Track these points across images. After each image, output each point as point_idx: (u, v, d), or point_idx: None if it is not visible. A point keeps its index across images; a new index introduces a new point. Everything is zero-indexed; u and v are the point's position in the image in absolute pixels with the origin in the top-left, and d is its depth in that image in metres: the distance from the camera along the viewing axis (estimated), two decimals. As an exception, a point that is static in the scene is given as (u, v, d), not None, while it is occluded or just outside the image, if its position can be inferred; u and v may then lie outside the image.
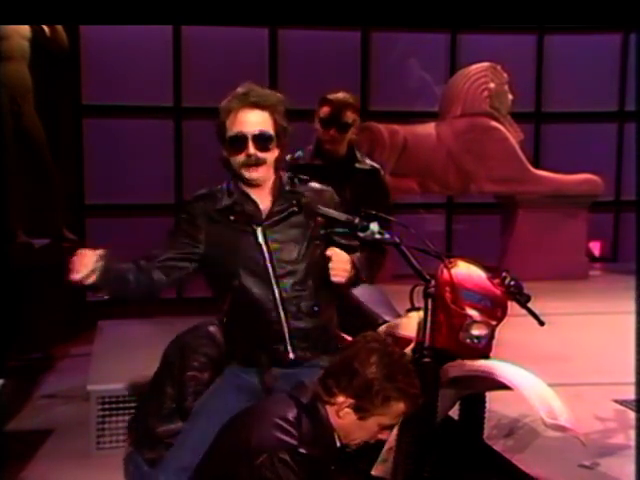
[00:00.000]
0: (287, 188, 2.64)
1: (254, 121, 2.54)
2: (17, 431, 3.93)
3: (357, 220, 2.64)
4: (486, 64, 8.14)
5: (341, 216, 2.67)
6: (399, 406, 2.19)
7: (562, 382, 3.52)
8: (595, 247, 9.47)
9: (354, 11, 5.97)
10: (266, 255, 2.55)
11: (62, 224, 6.37)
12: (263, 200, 2.61)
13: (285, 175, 2.69)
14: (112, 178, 8.07)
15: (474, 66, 8.21)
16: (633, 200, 8.55)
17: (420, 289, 2.63)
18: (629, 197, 9.16)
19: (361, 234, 2.62)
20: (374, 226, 2.63)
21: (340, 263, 2.55)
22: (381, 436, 2.26)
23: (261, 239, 2.55)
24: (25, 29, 5.85)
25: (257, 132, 2.53)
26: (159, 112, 8.21)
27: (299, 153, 3.73)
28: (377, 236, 2.64)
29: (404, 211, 7.86)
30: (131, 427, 3.27)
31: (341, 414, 2.18)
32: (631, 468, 2.74)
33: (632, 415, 3.90)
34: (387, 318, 2.99)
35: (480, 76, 8.15)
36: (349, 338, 2.72)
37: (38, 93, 6.03)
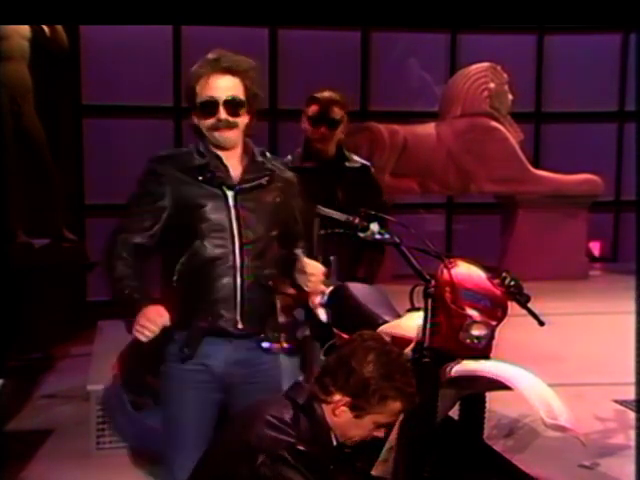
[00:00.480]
0: (259, 159, 2.58)
1: (225, 86, 2.50)
2: (17, 431, 3.92)
3: (357, 220, 2.64)
4: (486, 64, 8.15)
5: (341, 216, 2.67)
6: (396, 405, 2.19)
7: (562, 382, 3.52)
8: (595, 247, 9.47)
9: (354, 11, 5.97)
10: (234, 220, 2.48)
11: (62, 224, 6.37)
12: (234, 166, 2.54)
13: (253, 146, 2.61)
14: (112, 178, 8.06)
15: (474, 66, 8.22)
16: (633, 200, 8.55)
17: (420, 289, 2.63)
18: (629, 197, 9.16)
19: (361, 234, 2.63)
20: (374, 226, 2.63)
21: (318, 275, 2.53)
22: (377, 434, 2.26)
23: (231, 203, 2.49)
24: (25, 29, 5.85)
25: (228, 97, 2.49)
26: (159, 112, 8.22)
27: (289, 157, 3.73)
28: (377, 236, 2.64)
29: (404, 211, 7.86)
30: (122, 360, 3.28)
31: (337, 412, 2.18)
32: (631, 468, 2.74)
33: (632, 415, 3.90)
34: (387, 318, 2.99)
35: (480, 76, 8.15)
36: (347, 337, 2.72)
37: (38, 93, 6.03)
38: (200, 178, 2.50)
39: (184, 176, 2.50)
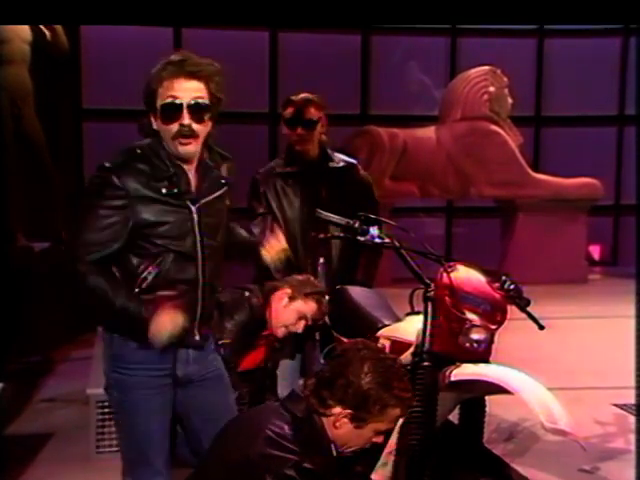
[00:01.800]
0: (209, 163, 2.52)
1: (190, 89, 2.40)
2: (17, 435, 3.92)
3: (357, 224, 2.64)
4: (486, 68, 8.16)
5: (341, 220, 2.67)
6: (395, 411, 2.19)
7: (562, 386, 3.53)
8: (595, 251, 9.48)
9: (354, 11, 5.97)
10: (197, 236, 2.43)
11: (62, 227, 6.36)
12: (192, 176, 2.46)
13: (206, 150, 2.54)
14: (112, 181, 8.07)
15: (474, 70, 8.23)
16: (633, 204, 8.57)
17: (420, 293, 2.63)
18: (629, 201, 9.17)
19: (361, 238, 2.63)
20: (374, 230, 2.63)
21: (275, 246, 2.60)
22: (376, 440, 2.26)
23: (196, 219, 2.43)
24: (26, 33, 5.86)
25: (192, 101, 2.38)
26: (159, 115, 8.21)
27: (271, 164, 3.73)
28: (377, 240, 2.64)
29: (404, 215, 7.87)
30: None
31: (338, 425, 2.17)
32: (631, 472, 2.73)
33: (632, 419, 3.89)
34: (386, 322, 2.99)
35: (480, 80, 8.16)
36: (347, 341, 2.72)
37: (38, 96, 6.04)
38: (164, 191, 2.39)
39: (146, 190, 2.37)
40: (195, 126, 2.38)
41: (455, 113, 8.21)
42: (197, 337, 2.48)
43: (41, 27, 5.95)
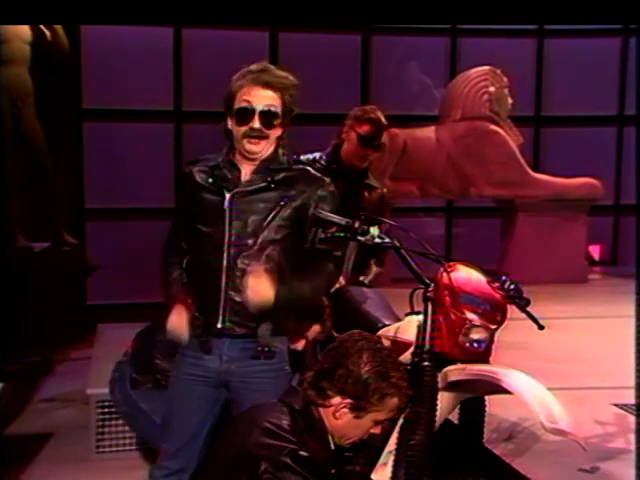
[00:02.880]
0: (273, 166, 2.63)
1: (263, 97, 2.59)
2: (17, 435, 3.92)
3: (357, 224, 2.64)
4: (486, 68, 8.16)
5: (341, 220, 2.66)
6: (393, 401, 2.22)
7: (562, 386, 3.53)
8: (595, 251, 9.48)
9: (354, 11, 5.97)
10: (226, 221, 2.56)
11: (62, 228, 6.37)
12: (248, 170, 2.62)
13: (280, 153, 2.67)
14: (112, 182, 8.07)
15: (474, 70, 8.23)
16: (633, 204, 8.57)
17: (420, 293, 2.63)
18: (629, 201, 9.17)
19: (361, 238, 2.63)
20: (374, 230, 2.63)
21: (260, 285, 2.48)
22: (374, 431, 2.27)
23: (227, 205, 2.57)
24: (26, 33, 5.86)
25: (265, 108, 2.58)
26: (159, 116, 8.23)
27: (316, 155, 3.76)
28: (377, 240, 2.64)
29: (404, 214, 7.86)
30: (137, 339, 3.39)
31: (338, 415, 2.18)
32: (631, 472, 2.73)
33: (632, 419, 3.89)
34: (386, 322, 2.99)
35: (480, 80, 8.16)
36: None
37: (39, 97, 6.04)
38: (210, 180, 2.61)
39: (199, 179, 2.63)
40: (265, 130, 2.59)
41: (455, 113, 8.21)
42: (219, 325, 2.52)
43: (41, 27, 5.96)
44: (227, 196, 2.57)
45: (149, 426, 2.78)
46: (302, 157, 3.70)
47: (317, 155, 3.77)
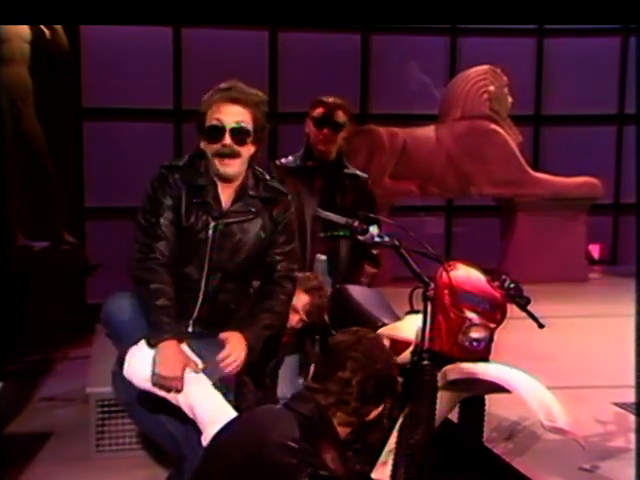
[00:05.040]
0: (251, 193, 2.72)
1: (233, 113, 2.62)
2: (16, 434, 3.91)
3: (356, 223, 2.64)
4: (486, 67, 8.15)
5: (340, 219, 2.67)
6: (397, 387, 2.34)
7: (561, 385, 3.53)
8: (594, 250, 9.47)
9: (354, 11, 5.97)
10: (208, 249, 2.66)
11: (62, 227, 6.36)
12: (227, 196, 2.69)
13: (252, 176, 2.75)
14: (112, 181, 8.07)
15: (474, 69, 8.22)
16: (632, 203, 8.56)
17: (419, 292, 2.63)
18: (628, 200, 9.16)
19: (361, 237, 2.63)
20: (373, 229, 2.63)
21: (234, 353, 2.60)
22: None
23: (210, 233, 2.65)
24: (26, 32, 5.86)
25: (235, 125, 2.60)
26: (159, 115, 8.22)
27: (290, 158, 3.79)
28: (376, 239, 2.64)
29: (404, 214, 7.86)
30: None
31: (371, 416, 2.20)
32: (631, 471, 2.74)
33: (632, 418, 3.89)
34: (386, 321, 2.99)
35: (480, 79, 8.16)
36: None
37: (38, 96, 6.03)
38: (194, 200, 2.65)
39: (186, 192, 2.66)
40: (236, 148, 2.61)
41: (455, 112, 8.20)
42: (190, 329, 2.72)
43: (41, 26, 5.95)
44: (211, 224, 2.65)
45: (149, 416, 2.77)
46: (283, 160, 3.75)
47: (290, 158, 3.80)
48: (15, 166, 5.79)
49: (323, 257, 3.64)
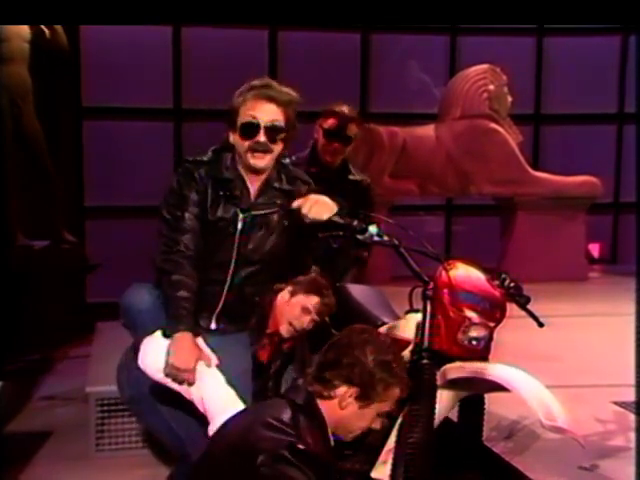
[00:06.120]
0: (276, 185, 2.79)
1: (268, 112, 2.69)
2: (16, 433, 3.91)
3: (356, 222, 2.64)
4: (485, 66, 8.15)
5: (340, 219, 2.67)
6: (395, 391, 2.28)
7: (561, 384, 3.53)
8: (594, 249, 9.47)
9: (354, 11, 5.98)
10: (236, 241, 2.73)
11: (62, 226, 6.36)
12: (253, 189, 2.77)
13: (276, 168, 2.83)
14: (112, 180, 8.07)
15: (473, 68, 8.22)
16: (632, 202, 8.57)
17: (419, 291, 2.63)
18: (628, 199, 9.17)
19: (360, 236, 2.63)
20: (373, 228, 2.63)
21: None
22: (375, 426, 2.30)
23: (239, 225, 2.73)
24: (25, 31, 5.85)
25: (270, 123, 2.68)
26: (159, 114, 8.22)
27: (293, 158, 3.76)
28: (376, 238, 2.64)
29: (403, 213, 7.86)
30: None
31: (344, 405, 2.21)
32: (631, 470, 2.73)
33: (631, 417, 3.89)
34: (386, 320, 3.00)
35: (479, 78, 8.15)
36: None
37: (38, 95, 6.03)
38: (221, 193, 2.72)
39: (212, 186, 2.73)
40: (270, 145, 2.70)
41: (455, 111, 8.20)
42: (212, 326, 2.79)
43: (41, 26, 5.95)
44: (240, 216, 2.72)
45: (152, 412, 2.77)
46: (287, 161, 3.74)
47: (293, 158, 3.77)
48: (15, 166, 5.79)
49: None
